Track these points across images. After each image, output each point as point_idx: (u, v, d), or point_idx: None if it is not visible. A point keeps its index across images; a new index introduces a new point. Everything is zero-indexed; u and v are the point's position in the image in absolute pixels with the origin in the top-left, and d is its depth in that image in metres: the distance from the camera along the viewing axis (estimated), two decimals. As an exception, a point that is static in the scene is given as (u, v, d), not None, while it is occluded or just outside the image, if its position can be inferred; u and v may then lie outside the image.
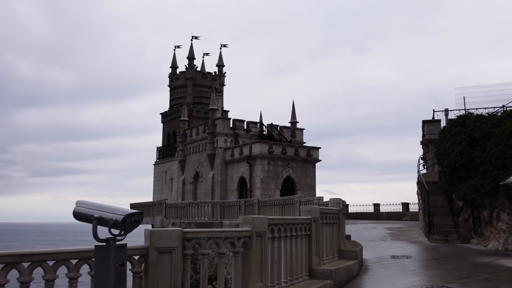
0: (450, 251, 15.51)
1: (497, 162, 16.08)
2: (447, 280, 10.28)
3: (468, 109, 21.00)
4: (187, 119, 42.84)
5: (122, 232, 4.94)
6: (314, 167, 36.73)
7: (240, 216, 7.20)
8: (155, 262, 5.58)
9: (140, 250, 5.59)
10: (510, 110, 18.75)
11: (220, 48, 53.27)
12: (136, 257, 5.60)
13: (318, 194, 34.84)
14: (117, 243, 4.90)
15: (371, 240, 18.58)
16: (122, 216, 4.81)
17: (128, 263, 5.31)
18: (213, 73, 52.42)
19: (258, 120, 39.99)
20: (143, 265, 5.64)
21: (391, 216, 36.04)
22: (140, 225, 5.34)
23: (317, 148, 36.85)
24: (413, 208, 35.38)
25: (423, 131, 25.43)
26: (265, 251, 7.12)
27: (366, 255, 13.71)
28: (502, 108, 20.45)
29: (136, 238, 12.22)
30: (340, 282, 9.34)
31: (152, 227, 30.30)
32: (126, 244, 5.06)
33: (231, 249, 6.66)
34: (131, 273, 5.61)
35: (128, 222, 4.87)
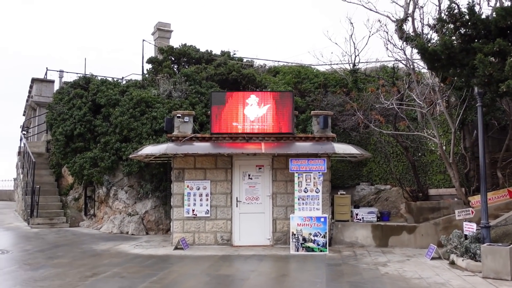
0: (59, 238, 12.42)
1: (121, 133, 14.14)
2: (69, 283, 7.25)
3: (89, 75, 18.35)
4: None
5: None
6: None
7: None
8: None
9: None
10: (135, 80, 17.35)
11: None
12: None
13: None
14: None
15: None
16: None
17: None
18: None
19: None
20: None
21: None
22: None
23: None
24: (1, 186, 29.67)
25: (30, 92, 21.10)
26: None
27: None
28: (122, 79, 18.93)
29: None
30: None
31: None
32: None
33: None
34: None
35: None
